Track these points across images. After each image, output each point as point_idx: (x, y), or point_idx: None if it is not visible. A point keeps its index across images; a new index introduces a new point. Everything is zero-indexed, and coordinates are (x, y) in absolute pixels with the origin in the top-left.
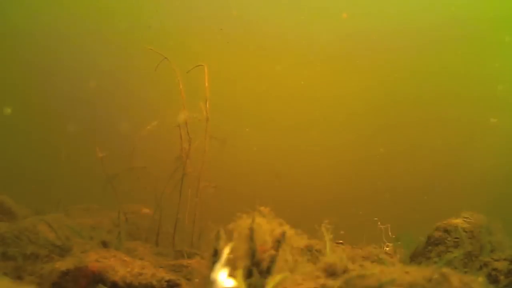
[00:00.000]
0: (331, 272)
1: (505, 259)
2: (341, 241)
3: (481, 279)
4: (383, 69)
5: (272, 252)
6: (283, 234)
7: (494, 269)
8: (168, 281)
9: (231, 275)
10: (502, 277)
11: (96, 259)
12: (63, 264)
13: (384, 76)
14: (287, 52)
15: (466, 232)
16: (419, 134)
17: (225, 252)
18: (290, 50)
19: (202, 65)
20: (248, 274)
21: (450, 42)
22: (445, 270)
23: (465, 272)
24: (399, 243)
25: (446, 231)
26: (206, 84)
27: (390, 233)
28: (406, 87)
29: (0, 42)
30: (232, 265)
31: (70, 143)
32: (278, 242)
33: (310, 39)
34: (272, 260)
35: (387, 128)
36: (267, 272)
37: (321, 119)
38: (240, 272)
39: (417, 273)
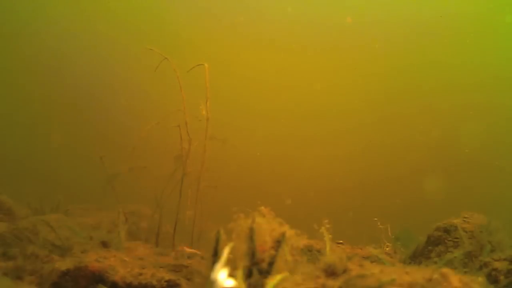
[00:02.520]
0: (331, 272)
1: (505, 259)
2: (341, 241)
3: (481, 279)
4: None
5: (272, 252)
6: (283, 234)
7: (494, 269)
8: (168, 281)
9: (231, 275)
10: (502, 277)
11: (96, 259)
12: (63, 264)
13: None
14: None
15: (466, 232)
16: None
17: (225, 252)
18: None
19: (203, 64)
20: (248, 274)
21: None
22: (445, 270)
23: (465, 272)
24: (399, 243)
25: (446, 231)
26: (207, 84)
27: (390, 233)
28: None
29: (1, 40)
30: (232, 265)
31: (70, 143)
32: (278, 242)
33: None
34: (272, 260)
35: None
36: (267, 272)
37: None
38: (240, 272)
39: (417, 273)
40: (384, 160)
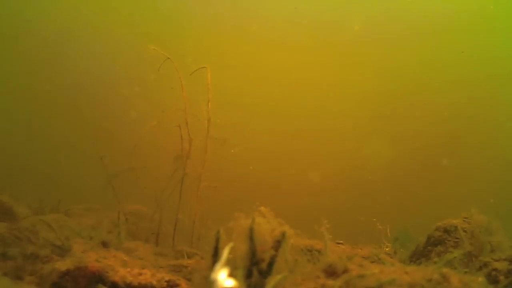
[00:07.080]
0: (331, 272)
1: (505, 259)
2: (341, 241)
3: (481, 279)
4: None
5: (272, 252)
6: (283, 234)
7: (494, 269)
8: (168, 281)
9: (231, 275)
10: (502, 277)
11: (96, 259)
12: (63, 264)
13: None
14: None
15: (466, 232)
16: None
17: (225, 252)
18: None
19: (205, 67)
20: (248, 274)
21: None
22: (445, 270)
23: (465, 272)
24: (398, 243)
25: (446, 231)
26: (209, 86)
27: (389, 233)
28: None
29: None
30: (232, 265)
31: (70, 143)
32: (278, 242)
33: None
34: (272, 260)
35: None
36: (267, 272)
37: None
38: (240, 272)
39: (417, 273)
40: (384, 158)
